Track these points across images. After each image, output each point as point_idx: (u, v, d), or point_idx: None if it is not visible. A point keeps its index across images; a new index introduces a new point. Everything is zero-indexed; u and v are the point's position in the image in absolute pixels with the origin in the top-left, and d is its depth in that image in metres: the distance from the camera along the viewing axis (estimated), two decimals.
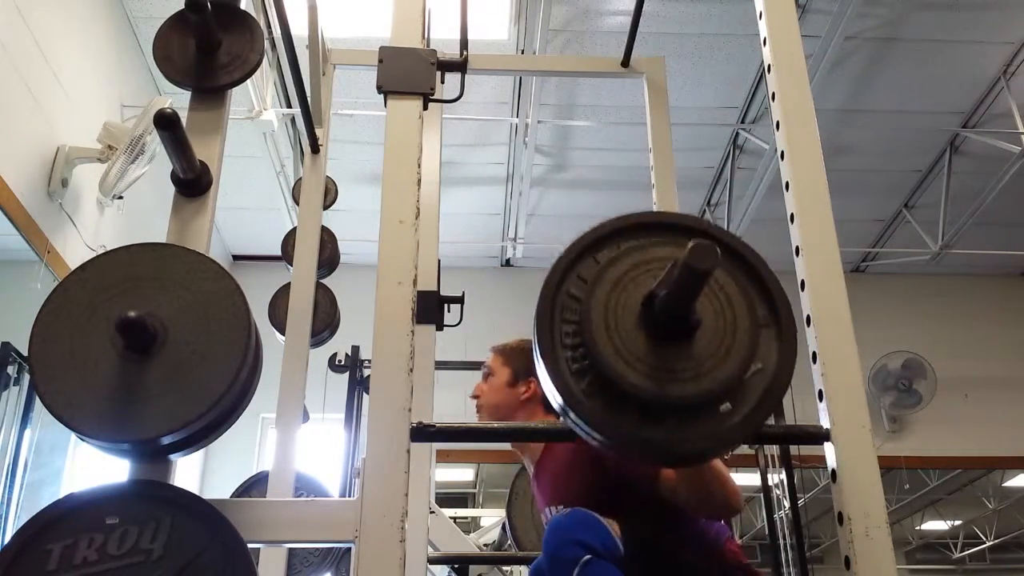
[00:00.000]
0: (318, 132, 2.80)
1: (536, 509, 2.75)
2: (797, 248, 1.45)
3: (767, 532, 4.80)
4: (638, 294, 1.21)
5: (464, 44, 1.88)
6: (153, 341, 1.27)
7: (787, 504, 4.67)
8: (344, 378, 4.58)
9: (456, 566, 3.54)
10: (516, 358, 2.00)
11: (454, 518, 4.83)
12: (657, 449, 1.20)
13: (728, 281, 1.23)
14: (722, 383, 1.17)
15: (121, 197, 4.06)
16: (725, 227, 5.85)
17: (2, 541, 3.10)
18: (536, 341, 1.21)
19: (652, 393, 1.16)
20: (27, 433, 3.56)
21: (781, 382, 1.20)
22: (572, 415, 1.18)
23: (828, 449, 1.31)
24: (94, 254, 1.41)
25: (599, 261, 1.25)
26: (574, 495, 1.74)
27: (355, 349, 4.62)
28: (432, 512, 3.04)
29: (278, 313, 3.26)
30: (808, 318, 1.39)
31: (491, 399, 1.99)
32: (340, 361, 4.55)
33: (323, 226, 2.91)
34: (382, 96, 1.56)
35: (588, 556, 1.50)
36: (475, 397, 2.03)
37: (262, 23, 2.20)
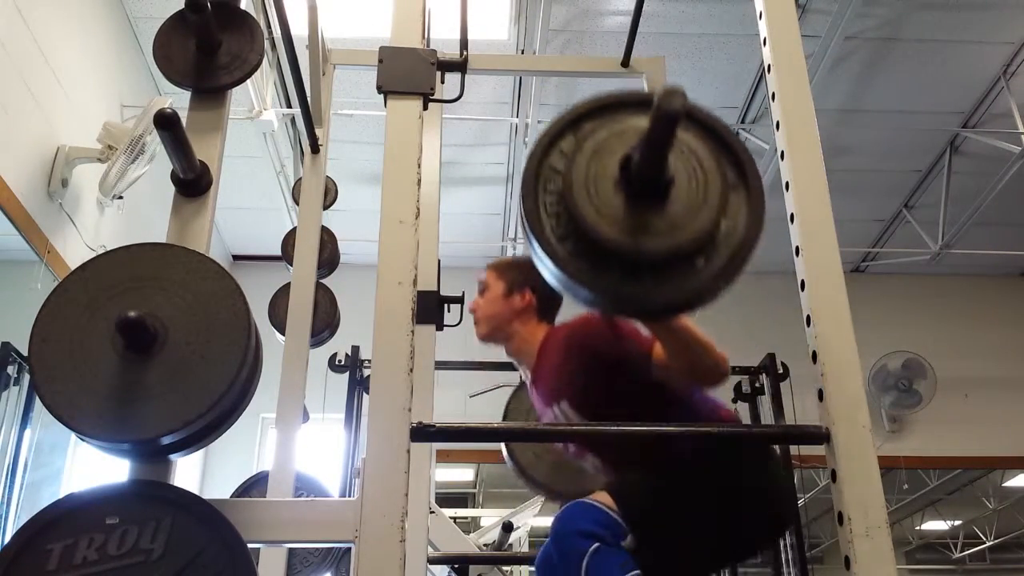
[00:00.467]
0: (318, 132, 2.80)
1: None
2: (797, 248, 1.45)
3: None
4: (615, 160, 1.27)
5: (464, 44, 1.88)
6: (153, 341, 1.27)
7: None
8: (344, 378, 4.58)
9: (456, 566, 3.54)
10: (510, 271, 2.05)
11: (454, 518, 4.83)
12: (638, 303, 1.29)
13: (699, 146, 1.30)
14: (695, 238, 1.24)
15: (121, 197, 4.05)
16: None
17: (2, 541, 3.10)
18: (523, 211, 1.29)
19: (631, 248, 1.23)
20: (27, 433, 3.56)
21: (750, 239, 1.28)
22: (559, 276, 1.26)
23: (828, 449, 1.31)
24: (94, 254, 1.41)
25: (579, 136, 1.32)
26: (574, 385, 1.80)
27: (355, 349, 4.62)
28: (432, 512, 3.04)
29: (278, 313, 3.26)
30: (808, 318, 1.39)
31: (487, 310, 2.03)
32: (340, 361, 4.55)
33: (323, 226, 2.91)
34: (382, 96, 1.57)
35: (595, 545, 1.54)
36: (472, 311, 2.08)
37: (262, 23, 2.20)
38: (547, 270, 1.28)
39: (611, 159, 1.27)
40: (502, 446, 2.84)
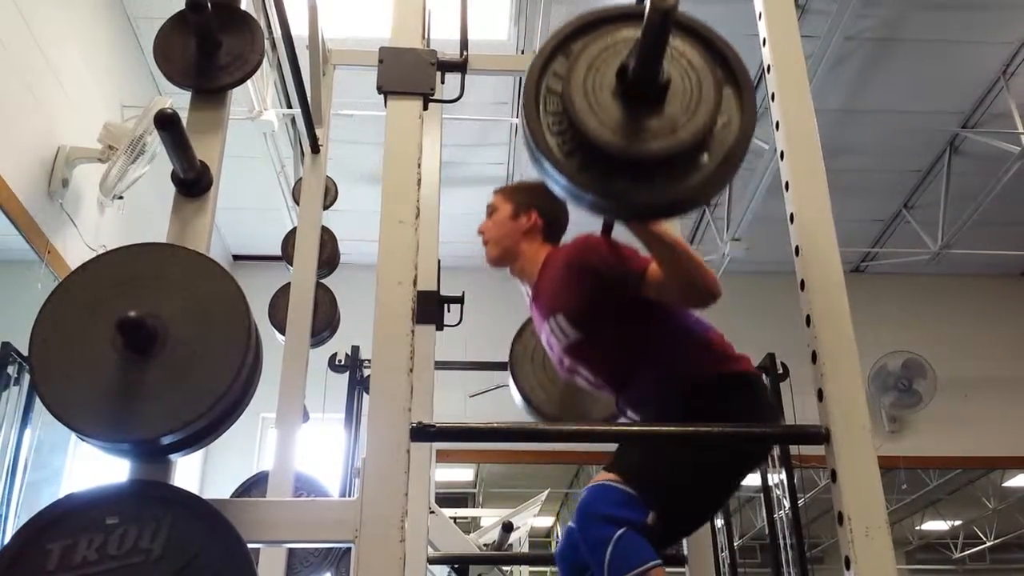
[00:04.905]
0: (318, 132, 2.80)
1: (535, 362, 2.80)
2: (797, 248, 1.45)
3: (767, 532, 4.80)
4: (611, 70, 1.33)
5: (464, 44, 1.88)
6: (153, 341, 1.27)
7: (787, 504, 4.68)
8: (344, 378, 4.58)
9: (456, 566, 3.54)
10: (516, 194, 2.12)
11: (454, 518, 4.83)
12: (649, 204, 1.34)
13: (687, 48, 1.37)
14: (695, 135, 1.30)
15: (121, 197, 4.05)
16: (725, 227, 5.87)
17: (2, 541, 3.10)
18: (527, 134, 1.33)
19: (636, 152, 1.29)
20: (27, 433, 3.55)
21: (746, 133, 1.34)
22: (571, 189, 1.31)
23: (828, 449, 1.31)
24: (94, 254, 1.41)
25: (570, 56, 1.37)
26: (570, 299, 1.88)
27: (355, 349, 4.62)
28: (432, 512, 3.04)
29: (278, 313, 3.27)
30: (808, 318, 1.39)
31: (495, 232, 2.09)
32: (340, 361, 4.55)
33: (323, 226, 2.91)
34: (382, 96, 1.57)
35: (619, 532, 1.57)
36: (480, 234, 2.13)
37: (262, 23, 2.20)
38: (558, 185, 1.33)
39: (607, 70, 1.33)
40: (510, 379, 2.85)
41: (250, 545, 1.23)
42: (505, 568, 4.42)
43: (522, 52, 4.63)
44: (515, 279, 2.10)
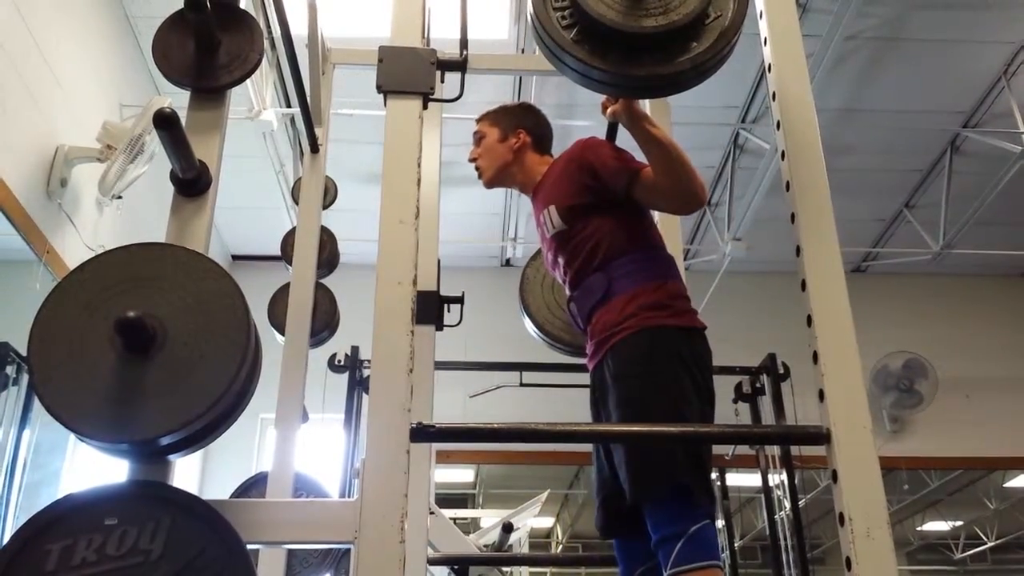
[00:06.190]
0: (318, 132, 2.80)
1: (544, 286, 2.90)
2: (798, 248, 1.45)
3: (768, 533, 4.80)
4: None
5: (464, 43, 1.87)
6: (152, 341, 1.26)
7: (788, 505, 4.67)
8: (344, 378, 4.58)
9: (456, 567, 3.53)
10: (501, 117, 2.21)
11: (454, 519, 4.82)
12: (639, 79, 1.47)
13: None
14: (686, 17, 1.43)
15: (120, 197, 4.05)
16: (726, 227, 5.87)
17: (1, 542, 3.09)
18: (532, 10, 1.47)
19: (630, 27, 1.42)
20: (26, 433, 3.55)
21: (735, 24, 1.48)
22: (570, 61, 1.45)
23: (829, 450, 1.31)
24: (93, 254, 1.40)
25: None
26: (565, 192, 1.98)
27: (355, 349, 4.62)
28: (432, 512, 3.03)
29: (277, 313, 3.27)
30: (809, 318, 1.39)
31: (488, 156, 2.18)
32: (340, 361, 4.55)
33: (323, 226, 2.91)
34: (382, 96, 1.56)
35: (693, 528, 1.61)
36: (472, 161, 2.23)
37: (262, 22, 2.20)
38: (558, 59, 1.46)
39: None
40: (519, 301, 2.89)
41: (249, 546, 1.22)
42: (505, 569, 4.41)
43: (522, 51, 4.62)
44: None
